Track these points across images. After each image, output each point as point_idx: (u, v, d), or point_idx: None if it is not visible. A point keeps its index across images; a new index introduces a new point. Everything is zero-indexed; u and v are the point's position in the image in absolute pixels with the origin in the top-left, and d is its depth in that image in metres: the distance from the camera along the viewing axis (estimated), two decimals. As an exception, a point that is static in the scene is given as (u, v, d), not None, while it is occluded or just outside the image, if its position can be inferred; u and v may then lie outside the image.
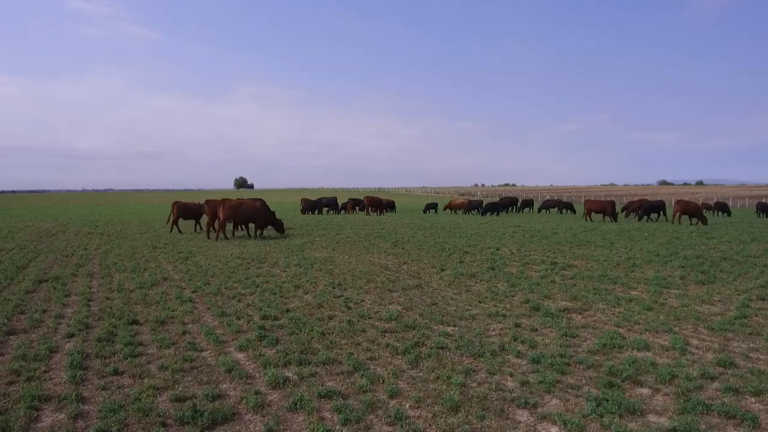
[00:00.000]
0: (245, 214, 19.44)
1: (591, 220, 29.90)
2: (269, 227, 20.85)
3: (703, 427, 4.11)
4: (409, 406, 4.61)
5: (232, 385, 5.11)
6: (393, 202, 44.01)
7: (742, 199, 68.61)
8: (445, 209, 41.26)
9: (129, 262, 13.20)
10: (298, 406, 4.61)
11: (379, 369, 5.48)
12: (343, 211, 41.07)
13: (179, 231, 22.09)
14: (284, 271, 11.60)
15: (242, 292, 9.35)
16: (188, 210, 22.83)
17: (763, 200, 47.14)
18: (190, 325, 7.20)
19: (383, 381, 5.15)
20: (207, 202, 20.14)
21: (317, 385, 5.02)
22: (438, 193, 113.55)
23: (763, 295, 8.70)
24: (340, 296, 8.86)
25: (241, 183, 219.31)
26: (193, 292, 9.36)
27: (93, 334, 6.73)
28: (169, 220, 23.40)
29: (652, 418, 4.33)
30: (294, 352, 5.92)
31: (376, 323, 7.18)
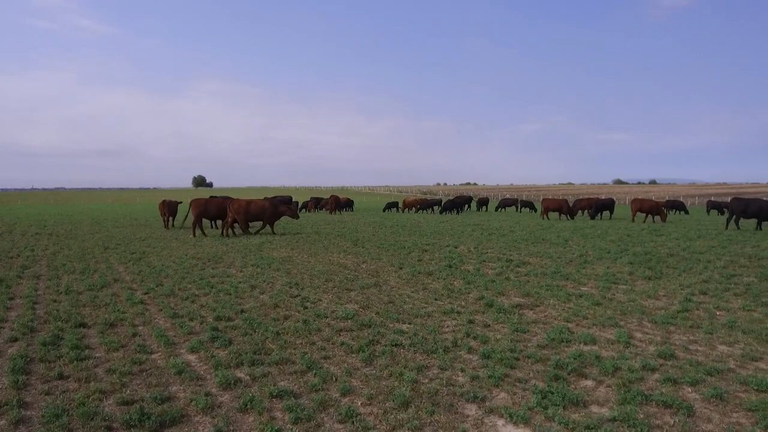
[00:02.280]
0: (255, 212, 19.91)
1: (548, 218, 30.63)
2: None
3: (642, 416, 4.29)
4: (361, 404, 4.64)
5: (182, 387, 5.03)
6: (351, 201, 44.05)
7: (692, 197, 71.47)
8: (402, 210, 41.39)
9: (78, 263, 12.78)
10: (248, 406, 4.58)
11: (332, 368, 5.50)
12: (304, 210, 40.81)
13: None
14: (240, 271, 11.46)
15: (196, 293, 9.19)
16: (171, 208, 24.06)
17: (712, 198, 49.23)
18: (140, 327, 7.04)
19: (336, 379, 5.17)
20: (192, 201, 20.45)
21: (269, 385, 5.00)
22: (401, 192, 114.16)
23: (705, 289, 9.11)
24: (297, 296, 8.82)
25: (200, 182, 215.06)
26: (145, 294, 9.15)
27: (38, 337, 6.50)
28: (168, 222, 24.31)
29: (594, 408, 4.49)
30: (247, 353, 5.88)
31: (332, 322, 7.19)
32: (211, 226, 23.15)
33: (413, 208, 40.78)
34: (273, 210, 20.42)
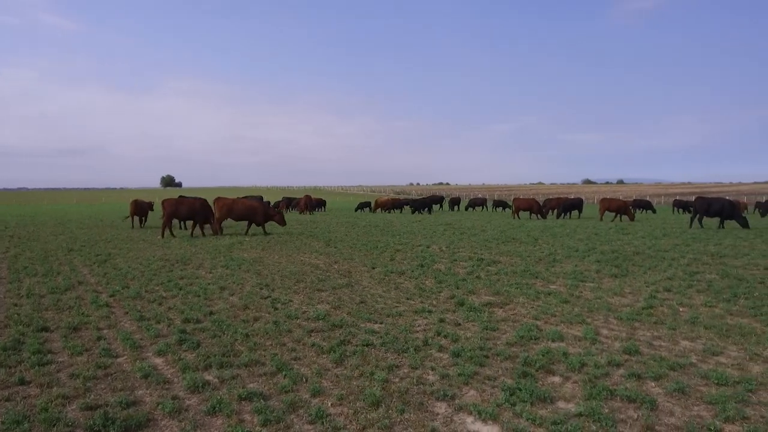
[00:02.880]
0: (241, 212, 19.88)
1: (519, 217, 31.04)
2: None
3: (606, 411, 4.38)
4: (331, 404, 4.63)
5: (148, 391, 4.93)
6: (324, 201, 43.95)
7: (659, 197, 73.35)
8: (374, 210, 41.34)
9: (41, 265, 12.41)
10: (216, 409, 4.51)
11: (303, 369, 5.46)
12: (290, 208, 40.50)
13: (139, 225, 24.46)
14: (210, 272, 11.29)
15: (164, 295, 9.02)
16: (141, 208, 24.39)
17: (677, 198, 50.61)
18: (105, 331, 6.88)
19: (306, 380, 5.14)
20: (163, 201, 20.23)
21: (238, 388, 4.94)
22: (375, 192, 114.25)
23: (669, 286, 9.35)
24: (267, 297, 8.74)
25: (168, 181, 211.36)
26: (111, 297, 8.94)
27: (-3, 343, 6.29)
28: (141, 223, 24.76)
29: (561, 404, 4.57)
30: (215, 355, 5.79)
31: (303, 323, 7.14)
32: (180, 227, 22.87)
33: (386, 208, 40.86)
34: (264, 210, 20.34)
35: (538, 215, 30.82)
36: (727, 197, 32.92)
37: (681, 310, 7.72)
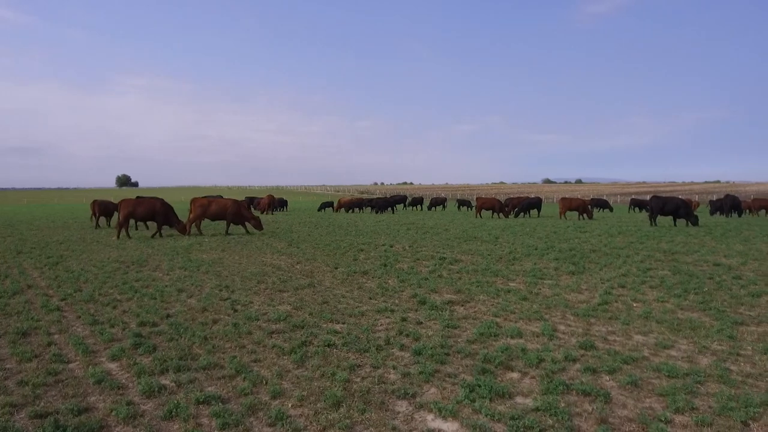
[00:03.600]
0: (215, 211, 19.67)
1: (481, 216, 31.47)
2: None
3: (563, 405, 4.47)
4: (292, 406, 4.58)
5: (101, 397, 4.78)
6: (285, 201, 43.59)
7: (615, 196, 75.56)
8: (336, 209, 41.16)
9: (-12, 269, 11.87)
10: (173, 414, 4.41)
11: (263, 371, 5.39)
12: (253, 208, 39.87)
13: (98, 226, 23.97)
14: (167, 274, 11.02)
15: (118, 298, 8.76)
16: (106, 208, 24.29)
17: (633, 197, 52.22)
18: (56, 336, 6.62)
19: (266, 382, 5.07)
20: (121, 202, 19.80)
21: (196, 391, 4.83)
22: (338, 192, 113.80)
23: (623, 283, 9.63)
24: (227, 299, 8.58)
25: (124, 181, 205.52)
26: (62, 300, 8.61)
27: (-63, 351, 5.98)
28: (97, 220, 24.62)
29: (519, 399, 4.65)
30: (172, 359, 5.66)
31: (264, 324, 7.05)
32: (136, 228, 22.38)
33: (349, 208, 40.77)
34: (237, 210, 20.09)
35: (500, 214, 31.32)
36: (680, 196, 34.23)
37: (635, 305, 7.97)
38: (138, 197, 23.50)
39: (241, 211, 20.24)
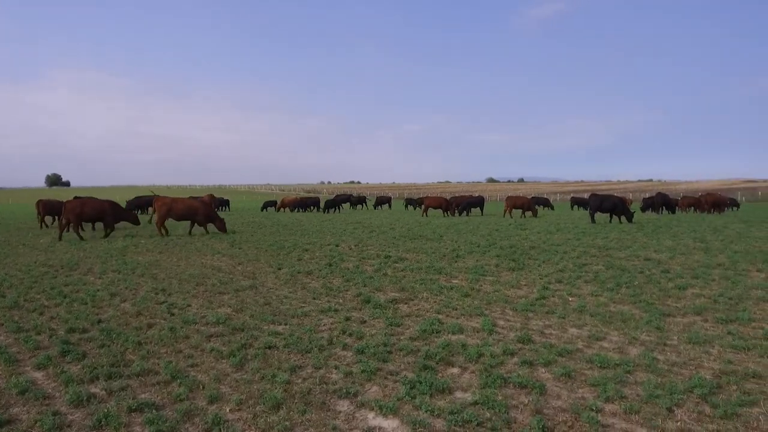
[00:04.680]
0: (181, 210, 19.27)
1: (427, 215, 31.84)
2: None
3: (500, 398, 4.57)
4: (230, 410, 4.47)
5: (25, 408, 4.51)
6: (227, 201, 42.69)
7: (555, 194, 78.23)
8: (278, 209, 40.54)
9: None
10: (103, 423, 4.21)
11: (200, 375, 5.23)
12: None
13: (46, 226, 23.77)
14: (99, 278, 10.51)
15: (46, 303, 8.28)
16: (52, 207, 23.72)
17: (573, 195, 54.20)
18: (-26, 346, 6.19)
19: (203, 387, 4.92)
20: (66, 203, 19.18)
21: (128, 399, 4.63)
22: (283, 191, 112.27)
23: (560, 278, 9.95)
24: (163, 302, 8.27)
25: (54, 180, 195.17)
26: (-17, 307, 8.07)
27: None
28: (43, 221, 24.14)
29: (458, 394, 4.71)
30: (103, 366, 5.40)
31: (202, 328, 6.84)
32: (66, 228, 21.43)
33: (292, 207, 40.29)
34: (205, 210, 19.74)
35: (447, 213, 31.84)
36: (616, 194, 35.79)
37: (570, 299, 8.25)
38: (76, 197, 22.64)
39: (208, 212, 19.92)
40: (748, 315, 7.03)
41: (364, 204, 46.15)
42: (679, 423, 4.09)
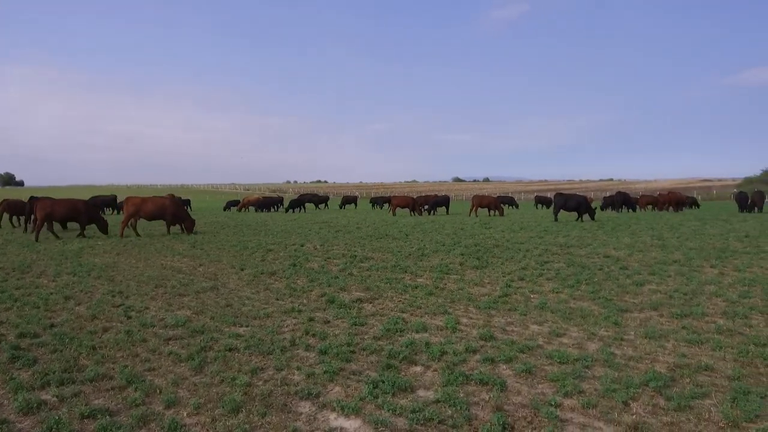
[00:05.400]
0: (151, 210, 18.86)
1: (395, 214, 31.91)
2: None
3: (462, 395, 4.59)
4: (187, 414, 4.36)
5: (-31, 419, 4.30)
6: (188, 201, 41.93)
7: (520, 193, 79.46)
8: (239, 209, 39.92)
9: None
10: (54, 430, 4.05)
11: (157, 379, 5.09)
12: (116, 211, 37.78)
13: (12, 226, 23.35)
14: (53, 281, 10.13)
15: (-5, 308, 7.94)
16: (16, 207, 23.44)
17: (537, 194, 55.17)
18: None
19: (160, 391, 4.79)
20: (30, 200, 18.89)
21: (80, 406, 4.47)
22: (248, 190, 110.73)
23: (522, 275, 10.10)
24: (120, 305, 8.02)
25: (7, 180, 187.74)
26: (-75, 314, 7.68)
27: None
28: (11, 220, 23.85)
29: (421, 393, 4.71)
30: (55, 372, 5.20)
31: (160, 331, 6.66)
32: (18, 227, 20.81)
33: (254, 207, 39.77)
34: (174, 209, 19.45)
35: (415, 212, 32.00)
36: (578, 193, 36.59)
37: (532, 297, 8.37)
38: (31, 198, 22.05)
39: (178, 211, 19.69)
40: (701, 310, 7.26)
41: (325, 204, 45.74)
42: (634, 416, 4.19)
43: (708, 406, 4.36)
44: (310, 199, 43.81)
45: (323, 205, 45.66)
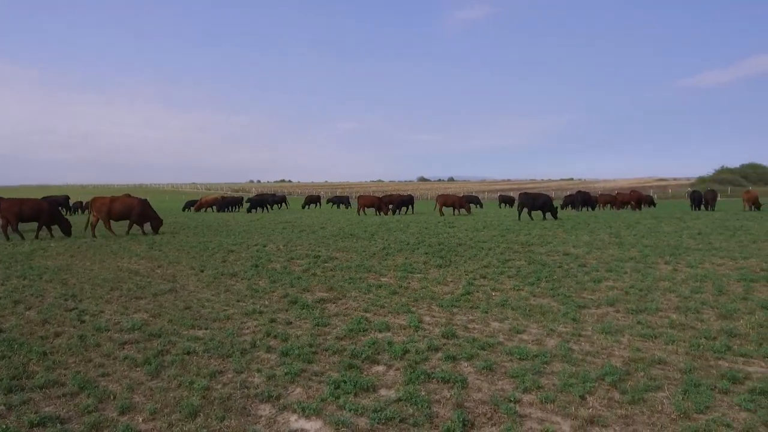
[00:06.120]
0: (120, 210, 18.49)
1: (365, 213, 31.92)
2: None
3: (423, 393, 4.61)
4: (143, 420, 4.24)
5: None
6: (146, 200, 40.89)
7: (484, 192, 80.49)
8: (197, 209, 39.07)
9: None
10: (-1, 441, 3.88)
11: (111, 385, 4.93)
12: (89, 211, 36.66)
13: None
14: (2, 284, 9.65)
15: (-63, 314, 7.56)
16: None
17: (500, 193, 56.00)
18: None
19: (114, 397, 4.65)
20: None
21: (30, 413, 4.30)
22: (209, 190, 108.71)
23: (484, 273, 10.21)
24: (73, 309, 7.74)
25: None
26: None
27: None
28: None
29: (383, 392, 4.71)
30: (2, 379, 4.98)
31: (115, 335, 6.46)
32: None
33: (211, 207, 39.08)
34: (142, 209, 19.06)
35: (381, 212, 32.06)
36: (542, 192, 37.31)
37: (493, 294, 8.48)
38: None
39: (147, 211, 19.36)
40: (655, 305, 7.49)
41: (281, 204, 44.86)
42: (590, 410, 4.28)
43: (661, 398, 4.49)
44: (269, 199, 43.05)
45: (280, 205, 44.64)
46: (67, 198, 35.84)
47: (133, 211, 19.09)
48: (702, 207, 32.16)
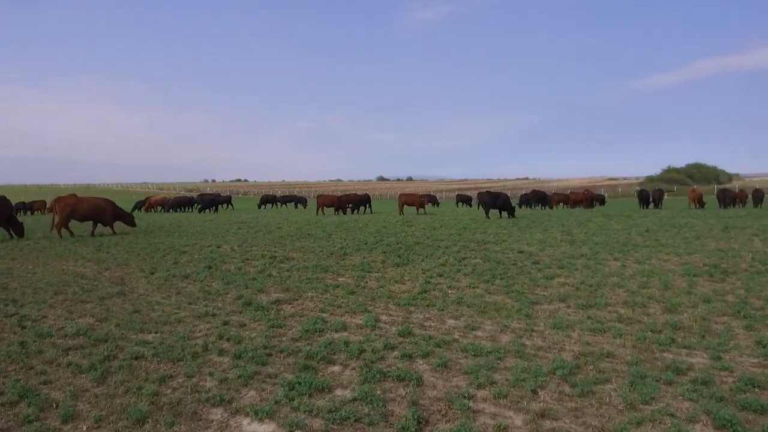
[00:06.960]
0: (86, 211, 18.05)
1: (324, 213, 31.69)
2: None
3: (379, 392, 4.60)
4: (87, 428, 4.08)
5: None
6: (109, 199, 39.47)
7: (442, 192, 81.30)
8: (146, 209, 37.89)
9: None
10: (-73, 458, 3.65)
11: (54, 393, 4.72)
12: (30, 213, 35.08)
13: None
14: (-66, 290, 9.17)
15: None
16: None
17: (457, 192, 56.68)
18: None
19: (57, 405, 4.45)
20: None
21: (-38, 427, 4.06)
22: (161, 190, 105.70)
23: (441, 272, 10.30)
24: (13, 314, 7.37)
25: None
26: None
27: None
28: None
29: (338, 392, 4.67)
30: (-68, 391, 4.69)
31: (59, 341, 6.18)
32: None
33: (160, 207, 38.08)
34: (112, 209, 18.67)
35: (340, 211, 31.94)
36: (501, 192, 38.00)
37: (449, 292, 8.56)
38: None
39: (116, 210, 19.04)
40: (605, 300, 7.72)
41: (229, 204, 43.74)
42: (542, 404, 4.37)
43: (609, 390, 4.62)
44: (213, 199, 41.62)
45: (226, 205, 43.29)
46: (4, 198, 34.14)
47: (105, 212, 18.60)
48: (650, 205, 33.42)
